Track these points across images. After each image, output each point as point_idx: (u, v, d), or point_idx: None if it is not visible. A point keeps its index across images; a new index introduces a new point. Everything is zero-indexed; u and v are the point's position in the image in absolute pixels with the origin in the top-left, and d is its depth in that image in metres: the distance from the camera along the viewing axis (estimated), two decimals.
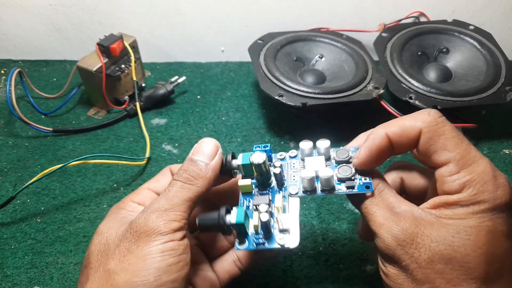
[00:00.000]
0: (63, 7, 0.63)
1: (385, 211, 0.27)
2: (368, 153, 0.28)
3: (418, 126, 0.26)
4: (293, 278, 0.39)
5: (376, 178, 0.29)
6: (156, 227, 0.26)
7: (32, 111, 0.58)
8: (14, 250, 0.41)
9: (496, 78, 0.53)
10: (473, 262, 0.24)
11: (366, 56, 0.58)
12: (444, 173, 0.26)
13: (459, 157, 0.25)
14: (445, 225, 0.25)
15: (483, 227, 0.24)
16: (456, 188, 0.25)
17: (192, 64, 0.69)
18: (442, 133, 0.26)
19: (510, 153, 0.53)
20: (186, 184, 0.28)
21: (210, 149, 0.30)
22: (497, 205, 0.24)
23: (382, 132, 0.28)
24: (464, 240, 0.24)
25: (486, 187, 0.24)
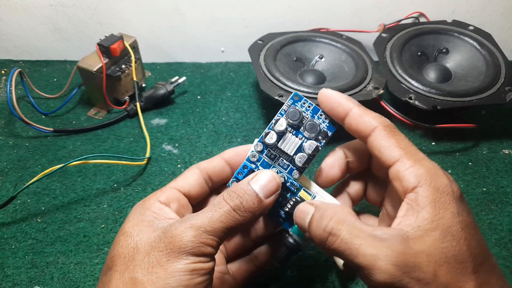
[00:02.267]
0: (63, 7, 0.63)
1: (371, 241, 0.24)
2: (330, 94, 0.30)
3: (376, 123, 0.28)
4: (293, 278, 0.39)
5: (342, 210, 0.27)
6: (191, 246, 0.26)
7: (33, 111, 0.58)
8: (14, 250, 0.41)
9: (495, 78, 0.53)
10: (464, 259, 0.24)
11: (366, 57, 0.58)
12: (399, 168, 0.26)
13: (410, 154, 0.26)
14: (430, 232, 0.24)
15: (458, 222, 0.24)
16: (413, 180, 0.25)
17: (192, 64, 0.69)
18: (395, 134, 0.28)
19: (510, 153, 0.53)
20: (234, 212, 0.27)
21: (271, 185, 0.29)
22: (457, 197, 0.25)
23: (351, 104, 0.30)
24: (450, 241, 0.24)
25: (442, 179, 0.25)
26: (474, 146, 0.54)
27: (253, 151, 0.32)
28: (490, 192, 0.48)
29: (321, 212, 0.27)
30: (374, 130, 0.28)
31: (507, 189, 0.48)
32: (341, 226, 0.26)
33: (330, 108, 0.30)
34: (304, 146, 0.31)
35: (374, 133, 0.28)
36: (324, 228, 0.26)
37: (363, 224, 0.26)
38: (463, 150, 0.53)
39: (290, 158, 0.31)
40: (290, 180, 0.32)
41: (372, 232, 0.25)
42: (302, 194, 0.32)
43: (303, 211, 0.29)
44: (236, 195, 0.28)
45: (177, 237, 0.26)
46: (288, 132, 0.31)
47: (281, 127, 0.30)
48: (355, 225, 0.26)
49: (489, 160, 0.52)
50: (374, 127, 0.28)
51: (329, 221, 0.26)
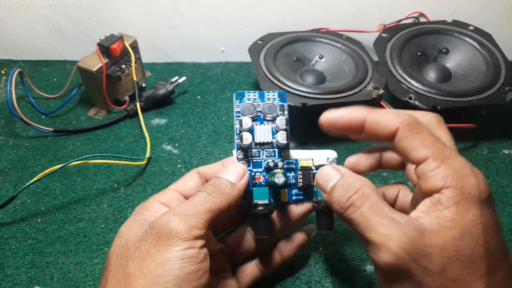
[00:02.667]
0: (63, 7, 0.63)
1: (388, 221, 0.25)
2: (336, 116, 0.29)
3: (397, 122, 0.27)
4: (293, 278, 0.39)
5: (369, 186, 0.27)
6: (177, 230, 0.26)
7: (33, 111, 0.58)
8: (14, 250, 0.41)
9: (495, 78, 0.53)
10: (478, 261, 0.24)
11: (366, 57, 0.58)
12: (425, 169, 0.25)
13: (437, 153, 0.25)
14: (448, 229, 0.24)
15: (480, 224, 0.24)
16: (439, 182, 0.25)
17: (192, 64, 0.69)
18: (419, 132, 0.26)
19: (510, 153, 0.53)
20: (210, 196, 0.29)
21: (238, 171, 0.31)
22: (483, 199, 0.24)
23: (363, 112, 0.28)
24: (468, 241, 0.24)
25: (470, 180, 0.24)
26: (474, 146, 0.54)
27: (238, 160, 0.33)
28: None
29: (348, 182, 0.28)
30: (397, 132, 0.27)
31: (507, 189, 0.48)
32: (364, 200, 0.26)
33: (342, 129, 0.29)
34: (277, 124, 0.33)
35: (397, 135, 0.27)
36: (348, 198, 0.27)
37: (385, 204, 0.26)
38: (463, 150, 0.53)
39: (272, 143, 0.33)
40: (285, 161, 0.33)
41: (391, 214, 0.25)
42: (302, 163, 0.34)
43: (328, 174, 0.30)
44: (209, 184, 0.30)
45: (163, 225, 0.26)
46: (255, 125, 0.33)
47: (248, 124, 0.33)
48: (377, 203, 0.26)
49: (489, 160, 0.52)
50: (396, 129, 0.27)
51: (354, 193, 0.27)
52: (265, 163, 0.33)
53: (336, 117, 0.29)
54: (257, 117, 0.33)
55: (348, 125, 0.29)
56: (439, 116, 0.30)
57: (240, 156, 0.33)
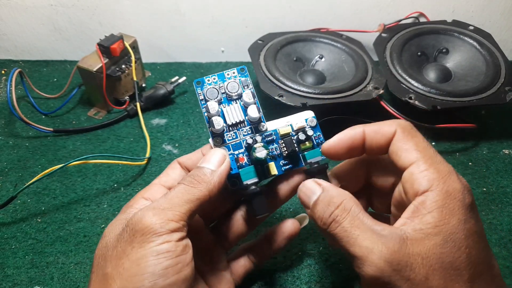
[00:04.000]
0: (63, 7, 0.63)
1: (370, 234, 0.25)
2: (338, 140, 0.30)
3: (394, 127, 0.28)
4: (293, 278, 0.39)
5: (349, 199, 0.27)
6: (151, 225, 0.25)
7: (33, 111, 0.58)
8: (14, 250, 0.41)
9: (495, 78, 0.53)
10: (461, 267, 0.24)
11: (366, 57, 0.58)
12: (414, 170, 0.26)
13: (427, 157, 0.26)
14: (430, 236, 0.24)
15: (463, 230, 0.24)
16: (425, 184, 0.25)
17: (192, 64, 0.69)
18: (414, 136, 0.28)
19: (510, 153, 0.53)
20: (188, 187, 0.28)
21: (217, 157, 0.30)
22: (467, 204, 0.25)
23: (359, 128, 0.29)
24: (451, 247, 0.24)
25: (455, 185, 0.25)
26: (474, 146, 0.54)
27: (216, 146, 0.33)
28: (490, 192, 0.48)
29: (328, 196, 0.28)
30: (394, 135, 0.28)
31: (507, 189, 0.48)
32: (345, 214, 0.26)
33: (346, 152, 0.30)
34: (244, 101, 0.33)
35: (394, 138, 0.28)
36: (329, 213, 0.27)
37: (366, 217, 0.26)
38: (463, 150, 0.53)
39: (245, 121, 0.33)
40: (263, 135, 0.33)
41: (372, 226, 0.25)
42: (281, 131, 0.33)
43: (309, 189, 0.29)
44: (188, 175, 0.29)
45: (137, 221, 0.26)
46: (223, 108, 0.33)
47: (215, 109, 0.32)
48: (358, 216, 0.26)
49: (489, 160, 0.52)
50: (393, 133, 0.28)
51: (335, 209, 0.27)
52: (244, 142, 0.32)
53: (337, 140, 0.30)
54: (222, 100, 0.33)
55: (350, 144, 0.30)
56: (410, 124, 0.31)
57: (218, 143, 0.32)
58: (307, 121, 0.34)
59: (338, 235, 0.26)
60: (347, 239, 0.25)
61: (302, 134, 0.33)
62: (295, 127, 0.33)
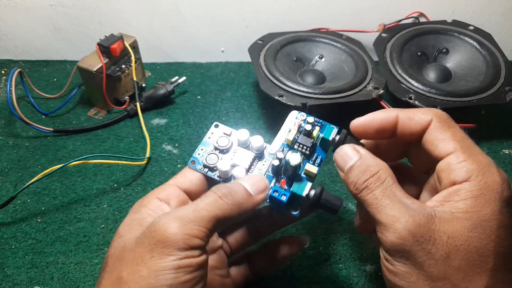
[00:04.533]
0: (63, 7, 0.63)
1: (399, 205, 0.26)
2: (368, 120, 0.29)
3: (430, 116, 0.28)
4: (293, 278, 0.39)
5: (386, 170, 0.28)
6: (174, 239, 0.24)
7: (33, 111, 0.58)
8: (14, 250, 0.41)
9: (495, 78, 0.53)
10: (486, 255, 0.24)
11: (366, 57, 0.58)
12: (451, 160, 0.26)
13: (465, 147, 0.26)
14: (460, 220, 0.24)
15: (496, 220, 0.24)
16: (463, 175, 0.25)
17: (192, 64, 0.69)
18: (451, 126, 0.27)
19: (510, 153, 0.53)
20: (220, 200, 0.27)
21: (260, 184, 0.30)
22: (504, 197, 0.25)
23: (394, 111, 0.29)
24: (480, 234, 0.24)
25: (495, 177, 0.25)
26: None
27: None
28: None
29: (365, 164, 0.28)
30: (429, 124, 0.28)
31: None
32: (379, 183, 0.27)
33: (376, 131, 0.30)
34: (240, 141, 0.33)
35: (430, 127, 0.28)
36: (364, 180, 0.27)
37: (399, 189, 0.27)
38: None
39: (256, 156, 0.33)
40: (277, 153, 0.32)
41: (403, 199, 0.26)
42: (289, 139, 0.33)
43: (347, 154, 0.29)
44: (224, 186, 0.28)
45: (160, 230, 0.25)
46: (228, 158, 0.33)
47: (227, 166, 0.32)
48: (391, 188, 0.27)
49: None
50: (429, 121, 0.28)
51: (370, 177, 0.27)
52: (271, 168, 0.32)
53: (369, 119, 0.30)
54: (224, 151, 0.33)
55: (381, 125, 0.29)
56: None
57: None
58: (297, 118, 0.34)
59: (367, 201, 0.27)
60: (376, 206, 0.26)
61: (306, 127, 0.32)
62: (295, 128, 0.33)
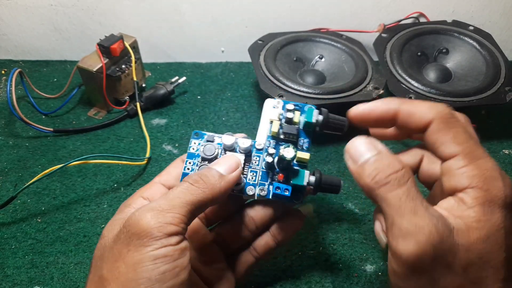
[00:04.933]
0: (63, 7, 0.63)
1: (423, 212, 0.23)
2: (368, 109, 0.28)
3: (431, 114, 0.25)
4: (293, 278, 0.39)
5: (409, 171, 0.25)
6: (148, 229, 0.24)
7: (33, 111, 0.58)
8: (14, 250, 0.41)
9: (495, 78, 0.53)
10: (498, 265, 0.23)
11: (366, 57, 0.58)
12: (452, 165, 0.24)
13: (468, 151, 0.24)
14: (474, 230, 0.23)
15: (503, 228, 0.24)
16: (464, 181, 0.24)
17: (192, 65, 0.69)
18: (453, 126, 0.25)
19: (510, 153, 0.53)
20: (192, 186, 0.27)
21: (230, 163, 0.30)
22: (508, 203, 0.24)
23: (395, 103, 0.27)
24: (492, 245, 0.23)
25: (497, 183, 0.24)
26: None
27: None
28: None
29: (388, 159, 0.25)
30: (430, 124, 0.26)
31: None
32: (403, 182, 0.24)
33: (375, 121, 0.28)
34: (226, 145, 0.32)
35: (430, 128, 0.26)
36: (387, 174, 0.25)
37: (419, 194, 0.25)
38: None
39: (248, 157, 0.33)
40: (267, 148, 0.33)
41: (425, 205, 0.24)
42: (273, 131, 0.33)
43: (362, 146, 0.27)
44: (195, 173, 0.28)
45: (134, 223, 0.25)
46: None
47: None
48: (414, 189, 0.24)
49: None
50: (430, 121, 0.26)
51: (394, 172, 0.25)
52: (265, 163, 0.32)
53: (368, 109, 0.28)
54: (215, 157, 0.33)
55: (381, 116, 0.28)
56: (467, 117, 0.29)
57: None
58: (275, 107, 0.34)
59: (389, 200, 0.24)
60: (398, 209, 0.24)
61: (287, 115, 0.32)
62: (276, 118, 0.33)
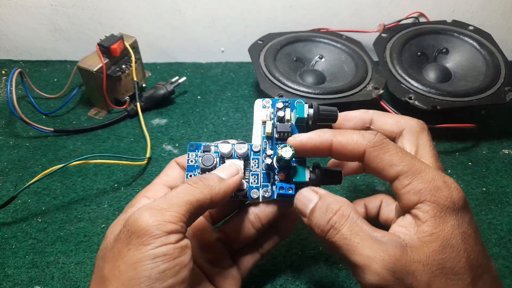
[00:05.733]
0: (63, 7, 0.63)
1: (370, 242, 0.25)
2: (304, 139, 0.29)
3: (363, 145, 0.27)
4: (293, 278, 0.39)
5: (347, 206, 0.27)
6: (147, 227, 0.24)
7: (33, 111, 0.58)
8: (15, 250, 0.42)
9: (495, 78, 0.53)
10: (462, 271, 0.24)
11: (366, 57, 0.58)
12: (397, 186, 0.26)
13: (406, 169, 0.26)
14: (428, 244, 0.24)
15: (459, 234, 0.24)
16: (413, 198, 0.25)
17: (192, 65, 0.69)
18: (386, 151, 0.27)
19: (510, 153, 0.53)
20: (191, 187, 0.28)
21: (230, 169, 0.30)
22: (457, 208, 0.25)
23: (329, 135, 0.28)
24: (449, 253, 0.24)
25: (442, 192, 0.25)
26: (474, 146, 0.54)
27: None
28: (490, 192, 0.48)
29: (326, 204, 0.27)
30: (364, 153, 0.27)
31: (506, 189, 0.48)
32: (344, 221, 0.26)
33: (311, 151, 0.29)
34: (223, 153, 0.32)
35: (365, 157, 0.27)
36: (327, 220, 0.26)
37: (365, 223, 0.26)
38: (463, 150, 0.53)
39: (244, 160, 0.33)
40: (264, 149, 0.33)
41: (372, 233, 0.25)
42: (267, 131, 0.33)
43: (306, 197, 0.29)
44: (196, 176, 0.29)
45: (133, 222, 0.25)
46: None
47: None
48: (357, 223, 0.26)
49: (488, 160, 0.52)
50: (363, 151, 0.27)
51: (333, 215, 0.26)
52: (264, 165, 0.32)
53: (303, 141, 0.29)
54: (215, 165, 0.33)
55: (316, 148, 0.29)
56: (423, 123, 0.31)
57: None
58: (265, 107, 0.35)
59: (337, 243, 0.26)
60: (347, 247, 0.25)
61: (278, 114, 0.33)
62: (268, 118, 0.34)
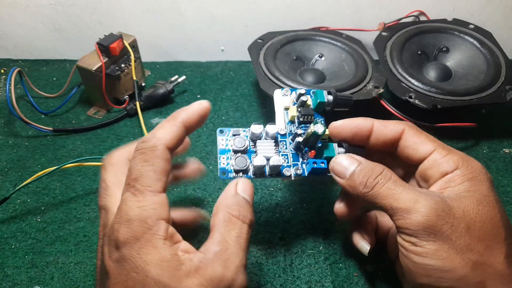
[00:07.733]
0: (63, 6, 0.63)
1: (413, 191, 0.28)
2: (345, 125, 0.33)
3: (401, 127, 0.32)
4: (293, 277, 0.39)
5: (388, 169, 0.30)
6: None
7: (32, 111, 0.58)
8: (14, 250, 0.41)
9: (496, 77, 0.53)
10: (497, 226, 0.27)
11: (366, 55, 0.58)
12: (436, 157, 0.30)
13: (442, 145, 0.31)
14: (466, 198, 0.27)
15: (493, 195, 0.28)
16: (452, 165, 0.29)
17: (192, 64, 0.69)
18: (422, 132, 0.32)
19: (510, 152, 0.53)
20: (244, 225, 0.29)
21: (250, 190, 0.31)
22: (490, 178, 0.29)
23: (370, 120, 0.33)
24: (487, 207, 0.27)
25: (476, 163, 0.29)
26: (474, 145, 0.54)
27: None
28: None
29: (371, 166, 0.30)
30: (403, 132, 0.32)
31: (507, 188, 0.48)
32: (388, 178, 0.29)
33: (352, 135, 0.33)
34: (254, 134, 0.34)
35: (405, 135, 0.32)
36: (374, 177, 0.29)
37: (403, 181, 0.29)
38: (463, 149, 0.53)
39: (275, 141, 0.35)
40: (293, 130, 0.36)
41: (413, 187, 0.29)
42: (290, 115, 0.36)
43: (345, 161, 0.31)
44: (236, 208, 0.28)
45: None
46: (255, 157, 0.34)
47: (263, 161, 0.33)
48: (398, 180, 0.29)
49: (489, 159, 0.52)
50: (402, 130, 0.32)
51: (378, 174, 0.29)
52: (294, 145, 0.34)
53: (346, 123, 0.33)
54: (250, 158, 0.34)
55: (357, 130, 0.33)
56: None
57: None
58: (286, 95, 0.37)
59: (382, 194, 0.28)
60: (392, 196, 0.28)
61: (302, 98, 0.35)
62: (290, 104, 0.36)
